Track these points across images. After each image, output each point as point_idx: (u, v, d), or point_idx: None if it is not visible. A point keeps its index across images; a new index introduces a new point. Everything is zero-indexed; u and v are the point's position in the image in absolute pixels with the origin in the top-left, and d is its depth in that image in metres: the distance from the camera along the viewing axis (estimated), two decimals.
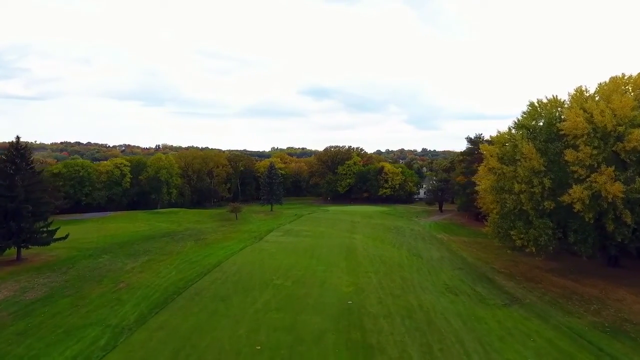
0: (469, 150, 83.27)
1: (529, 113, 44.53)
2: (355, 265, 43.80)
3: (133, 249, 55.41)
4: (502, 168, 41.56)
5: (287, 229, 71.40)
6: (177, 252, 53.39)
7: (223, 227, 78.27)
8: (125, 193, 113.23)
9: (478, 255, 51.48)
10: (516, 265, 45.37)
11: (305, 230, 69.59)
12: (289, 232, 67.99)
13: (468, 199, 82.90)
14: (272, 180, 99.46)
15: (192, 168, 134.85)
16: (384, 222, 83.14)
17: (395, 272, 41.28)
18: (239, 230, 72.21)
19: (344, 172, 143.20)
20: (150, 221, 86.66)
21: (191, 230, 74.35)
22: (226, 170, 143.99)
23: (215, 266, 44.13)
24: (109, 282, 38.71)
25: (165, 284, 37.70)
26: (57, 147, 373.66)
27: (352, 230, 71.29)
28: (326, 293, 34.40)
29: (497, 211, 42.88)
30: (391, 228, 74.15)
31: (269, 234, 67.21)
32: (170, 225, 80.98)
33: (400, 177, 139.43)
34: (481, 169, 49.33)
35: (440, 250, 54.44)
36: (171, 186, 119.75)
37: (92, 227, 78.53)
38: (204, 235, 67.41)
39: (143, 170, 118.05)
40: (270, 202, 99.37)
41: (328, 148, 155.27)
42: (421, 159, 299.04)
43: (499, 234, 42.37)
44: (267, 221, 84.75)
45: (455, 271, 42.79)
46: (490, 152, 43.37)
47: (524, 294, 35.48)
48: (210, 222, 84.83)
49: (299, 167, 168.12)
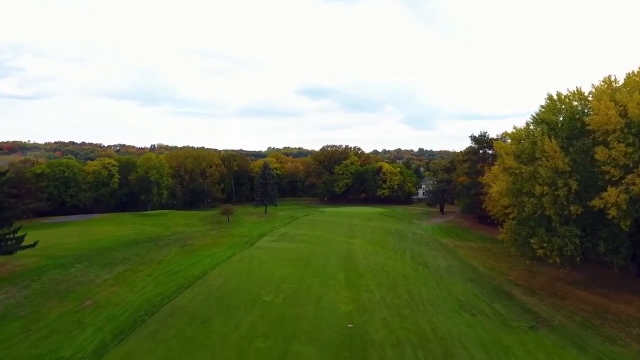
0: (473, 149, 78.52)
1: (547, 107, 39.70)
2: (355, 276, 38.84)
3: (111, 257, 50.18)
4: (520, 168, 36.70)
5: (281, 233, 66.39)
6: (158, 260, 48.22)
7: (213, 230, 73.11)
8: (113, 194, 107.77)
9: (490, 264, 46.61)
10: (534, 276, 40.54)
11: (300, 235, 64.56)
12: (283, 237, 62.96)
13: (472, 200, 78.13)
14: (266, 180, 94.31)
15: (184, 168, 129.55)
16: (384, 224, 78.24)
17: (400, 285, 36.35)
18: (229, 235, 67.06)
19: (341, 172, 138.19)
20: (136, 224, 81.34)
21: (179, 234, 69.14)
22: (220, 170, 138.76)
23: (198, 278, 39.07)
24: (73, 299, 33.53)
25: (138, 301, 32.59)
26: (51, 147, 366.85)
27: (351, 234, 66.33)
28: (323, 313, 29.43)
29: (514, 216, 38.03)
30: (392, 232, 69.24)
31: (261, 238, 62.17)
32: (157, 229, 75.68)
33: (398, 177, 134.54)
34: (495, 169, 44.53)
35: (448, 258, 49.54)
36: (162, 187, 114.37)
37: (73, 231, 73.17)
38: (191, 240, 62.23)
39: (132, 170, 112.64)
40: (264, 203, 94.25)
41: (325, 147, 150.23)
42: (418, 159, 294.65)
43: (517, 242, 37.51)
44: (260, 224, 79.66)
45: (468, 284, 37.87)
46: (506, 150, 38.50)
47: (551, 313, 30.62)
48: (200, 225, 79.61)
49: (295, 167, 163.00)
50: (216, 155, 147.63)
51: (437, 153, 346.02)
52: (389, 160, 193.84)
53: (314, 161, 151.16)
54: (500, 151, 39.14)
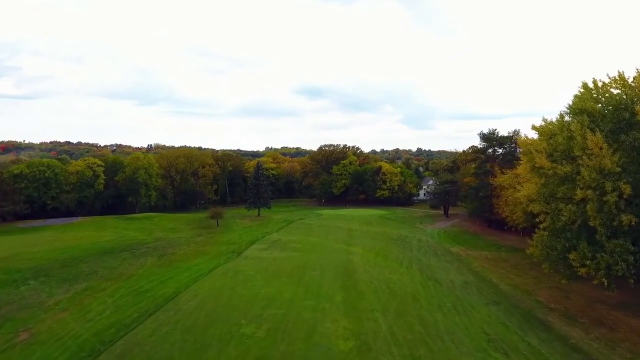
0: (482, 147, 71.89)
1: (583, 97, 33.02)
2: (355, 297, 32.20)
3: (76, 270, 43.44)
4: (554, 168, 30.04)
5: (273, 240, 59.66)
6: (128, 274, 41.47)
7: (199, 236, 66.35)
8: (98, 196, 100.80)
9: (511, 279, 39.97)
10: (567, 296, 33.96)
11: (294, 242, 57.87)
12: (274, 244, 56.26)
13: (481, 203, 71.53)
14: (259, 181, 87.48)
15: (176, 168, 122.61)
16: (385, 229, 71.59)
17: (410, 309, 29.71)
18: (216, 242, 60.32)
19: (339, 173, 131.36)
20: (118, 229, 74.50)
21: (161, 240, 62.38)
22: (213, 171, 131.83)
23: (168, 299, 32.39)
24: (7, 331, 26.81)
25: (85, 335, 25.85)
26: (46, 147, 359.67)
27: (349, 241, 59.67)
28: (315, 354, 22.77)
29: (547, 225, 31.38)
30: (394, 238, 62.57)
31: (250, 246, 55.48)
32: (140, 234, 68.88)
33: (399, 177, 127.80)
34: (521, 169, 37.96)
35: (461, 271, 42.87)
36: (150, 188, 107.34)
37: (46, 237, 66.33)
38: (172, 248, 55.49)
39: (120, 170, 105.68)
40: (257, 206, 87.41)
41: (322, 147, 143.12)
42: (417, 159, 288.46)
43: (550, 257, 30.87)
44: (251, 229, 72.92)
45: (491, 307, 31.22)
46: (536, 146, 31.81)
47: (603, 351, 24.07)
48: (186, 230, 72.82)
49: (291, 167, 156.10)
50: (209, 154, 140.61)
51: (436, 153, 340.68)
52: (388, 160, 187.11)
53: (311, 161, 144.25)
54: (528, 148, 32.46)
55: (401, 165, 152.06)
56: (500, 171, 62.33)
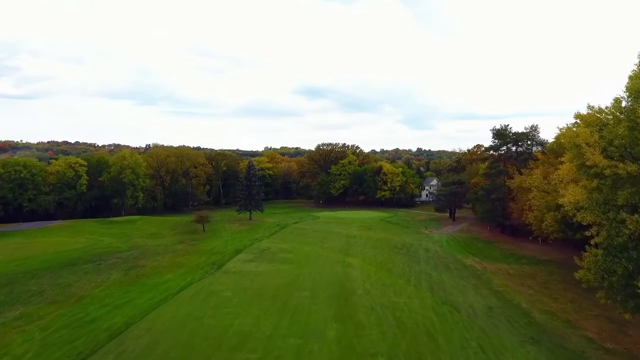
0: (495, 145, 64.18)
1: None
2: (353, 333, 24.80)
3: (20, 290, 36.10)
4: (613, 166, 22.57)
5: (262, 249, 52.28)
6: (80, 296, 34.09)
7: (181, 243, 58.98)
8: (80, 197, 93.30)
9: (544, 303, 32.47)
10: (623, 330, 26.55)
11: (285, 251, 50.53)
12: (262, 254, 48.91)
13: (493, 206, 64.01)
14: (251, 182, 79.98)
15: (166, 168, 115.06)
16: (387, 235, 64.16)
17: (425, 353, 22.29)
18: (197, 251, 52.93)
19: (337, 173, 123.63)
20: (94, 234, 67.16)
21: (136, 249, 55.06)
22: (206, 171, 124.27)
23: (114, 335, 25.03)
24: None
25: None
26: (43, 147, 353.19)
27: (348, 250, 52.28)
28: None
29: (601, 241, 23.90)
30: (398, 246, 55.16)
31: (235, 256, 48.18)
32: (116, 241, 61.55)
33: (400, 177, 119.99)
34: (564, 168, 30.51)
35: (481, 291, 35.36)
36: (137, 189, 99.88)
37: (11, 245, 59.02)
38: (146, 259, 48.13)
39: (104, 170, 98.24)
40: (249, 208, 79.96)
41: (320, 146, 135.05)
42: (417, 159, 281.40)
43: (609, 285, 23.31)
44: (240, 234, 65.56)
45: (529, 348, 23.76)
46: (585, 138, 24.29)
47: None
48: (168, 236, 65.42)
49: (288, 167, 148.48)
50: (201, 154, 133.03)
51: (436, 153, 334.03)
52: (388, 160, 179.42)
53: (308, 161, 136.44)
54: (574, 142, 24.91)
55: (402, 165, 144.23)
56: (518, 171, 54.96)
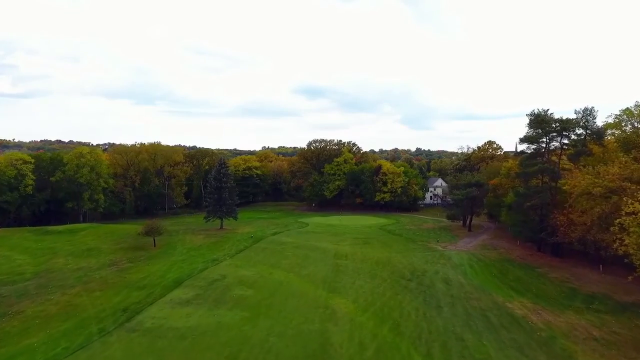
0: (534, 135, 46.94)
1: None
2: None
3: None
4: None
5: (213, 279, 35.94)
6: None
7: (111, 267, 42.64)
8: (26, 201, 76.98)
9: None
10: None
11: (243, 283, 34.17)
12: (209, 290, 32.63)
13: (528, 217, 47.39)
14: (222, 183, 63.53)
15: (137, 167, 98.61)
16: (390, 254, 47.71)
17: None
18: (120, 282, 36.53)
19: (332, 172, 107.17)
20: (13, 250, 50.65)
21: (44, 276, 38.83)
22: (184, 170, 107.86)
23: None
24: None
25: None
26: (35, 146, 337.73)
27: (334, 281, 35.92)
28: None
29: None
30: (406, 276, 38.72)
31: (168, 293, 31.96)
32: (28, 262, 45.14)
33: (402, 178, 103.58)
34: None
35: None
36: (98, 191, 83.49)
37: None
38: (36, 297, 31.96)
39: (58, 169, 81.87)
40: (219, 215, 63.57)
41: (313, 143, 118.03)
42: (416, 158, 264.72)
43: None
44: (198, 252, 49.15)
45: None
46: None
47: None
48: (104, 254, 48.92)
49: (279, 167, 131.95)
50: (180, 150, 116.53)
51: (435, 153, 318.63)
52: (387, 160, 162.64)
53: (300, 159, 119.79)
54: None
55: (404, 163, 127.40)
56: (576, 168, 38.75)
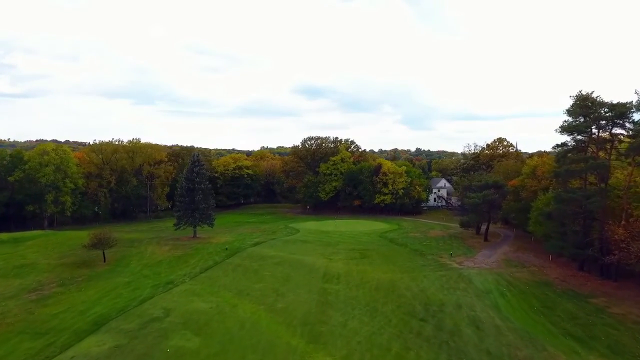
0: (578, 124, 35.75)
1: None
2: None
3: None
4: None
5: (154, 317, 25.63)
6: None
7: (28, 294, 32.31)
8: None
9: None
10: None
11: (194, 322, 23.83)
12: (137, 338, 22.34)
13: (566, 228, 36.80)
14: (194, 184, 53.24)
15: (113, 166, 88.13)
16: (394, 275, 37.25)
17: None
18: (21, 321, 26.16)
19: (328, 172, 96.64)
20: None
21: None
22: (167, 170, 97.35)
23: None
24: None
25: None
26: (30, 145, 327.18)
27: (319, 319, 25.59)
28: None
29: None
30: (416, 311, 28.35)
31: (76, 344, 21.61)
32: None
33: (404, 178, 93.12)
34: None
35: None
36: (64, 192, 73.12)
37: None
38: None
39: (17, 168, 71.57)
40: (191, 222, 53.22)
41: (307, 140, 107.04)
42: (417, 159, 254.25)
43: None
44: (155, 269, 38.75)
45: None
46: None
47: None
48: (35, 273, 38.47)
49: (271, 166, 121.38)
50: (162, 149, 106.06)
51: (435, 153, 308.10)
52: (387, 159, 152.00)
53: (293, 158, 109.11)
54: None
55: (406, 162, 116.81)
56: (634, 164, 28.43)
